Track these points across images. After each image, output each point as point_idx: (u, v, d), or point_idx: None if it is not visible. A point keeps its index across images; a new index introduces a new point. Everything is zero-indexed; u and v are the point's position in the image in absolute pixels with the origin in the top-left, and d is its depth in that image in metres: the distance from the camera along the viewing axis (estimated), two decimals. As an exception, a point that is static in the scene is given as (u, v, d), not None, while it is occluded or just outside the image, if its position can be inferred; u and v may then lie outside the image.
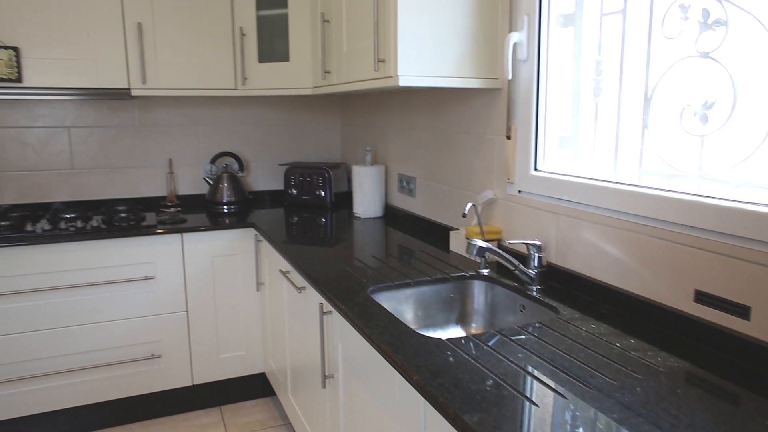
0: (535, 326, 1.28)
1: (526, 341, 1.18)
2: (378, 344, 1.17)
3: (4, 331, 2.20)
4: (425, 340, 1.18)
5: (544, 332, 1.24)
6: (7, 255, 2.17)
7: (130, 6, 2.41)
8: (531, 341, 1.18)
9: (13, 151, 2.65)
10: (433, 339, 1.18)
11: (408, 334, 1.21)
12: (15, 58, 2.26)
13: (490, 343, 1.18)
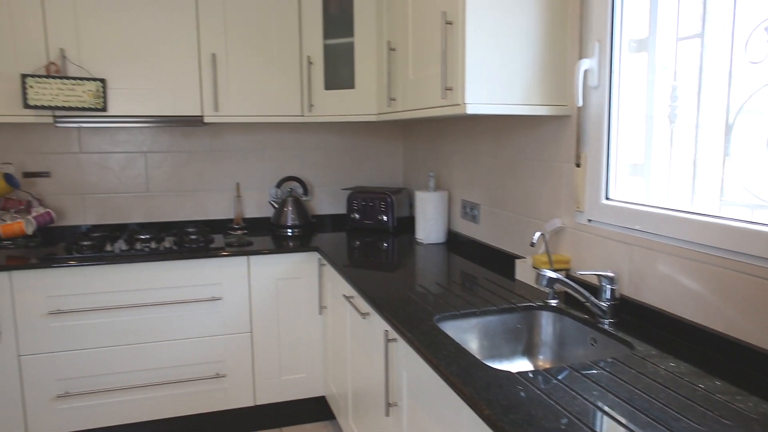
0: (608, 361, 1.23)
1: (599, 377, 1.14)
2: (446, 375, 1.16)
3: (83, 346, 2.32)
4: (495, 373, 1.15)
5: (619, 368, 1.19)
6: (88, 273, 2.29)
7: (205, 38, 2.53)
8: (605, 378, 1.14)
9: (96, 175, 2.81)
10: (503, 372, 1.16)
11: (476, 366, 1.19)
12: (102, 89, 2.41)
13: (561, 378, 1.14)
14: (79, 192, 2.81)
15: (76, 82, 2.38)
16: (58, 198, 2.78)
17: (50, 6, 2.37)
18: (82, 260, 2.28)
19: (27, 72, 2.36)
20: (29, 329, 2.26)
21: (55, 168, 2.76)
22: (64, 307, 2.28)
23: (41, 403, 2.31)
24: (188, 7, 2.50)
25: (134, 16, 2.46)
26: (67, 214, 2.80)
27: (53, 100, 2.36)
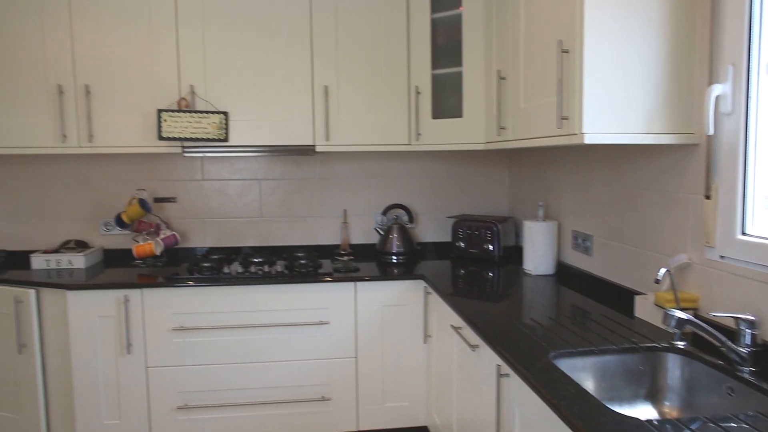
0: (749, 415, 1.12)
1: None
2: (568, 418, 1.10)
3: (202, 361, 2.46)
4: (621, 419, 1.08)
5: (765, 425, 1.07)
6: (208, 293, 2.44)
7: (319, 72, 2.66)
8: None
9: (216, 200, 3.01)
10: (631, 418, 1.09)
11: (600, 410, 1.12)
12: (224, 121, 2.59)
13: (696, 429, 1.05)
14: (200, 216, 3.01)
15: (203, 115, 2.58)
16: (183, 222, 3.01)
17: (183, 48, 2.59)
18: (203, 281, 2.43)
19: (162, 107, 2.60)
20: (156, 343, 2.44)
21: (180, 194, 2.99)
22: (186, 324, 2.44)
23: (164, 413, 2.47)
24: (303, 44, 2.64)
25: (254, 55, 2.63)
26: (190, 236, 3.02)
27: (183, 132, 2.56)
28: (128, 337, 2.41)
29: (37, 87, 2.58)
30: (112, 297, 2.41)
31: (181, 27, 2.59)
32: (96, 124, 2.60)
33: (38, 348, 2.48)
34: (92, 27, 2.57)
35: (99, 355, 2.43)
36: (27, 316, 2.45)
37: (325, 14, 2.64)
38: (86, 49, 2.58)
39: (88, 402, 2.45)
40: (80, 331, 2.41)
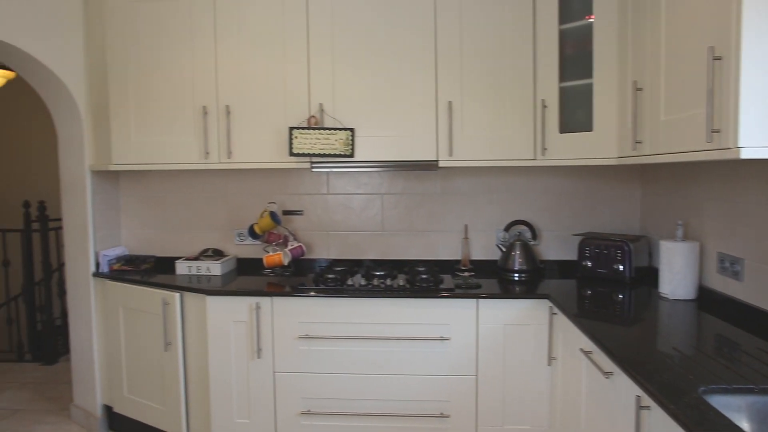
0: None
1: None
2: (727, 463, 1.00)
3: (325, 370, 2.54)
4: (792, 470, 0.96)
5: None
6: (332, 304, 2.52)
7: (442, 88, 2.67)
8: None
9: (340, 214, 3.11)
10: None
11: (765, 457, 1.00)
12: (351, 138, 2.68)
13: None
14: (325, 229, 3.13)
15: (331, 132, 2.69)
16: (308, 234, 3.14)
17: (314, 70, 2.73)
18: (327, 292, 2.52)
19: (293, 125, 2.74)
20: (283, 349, 2.56)
21: (307, 207, 3.13)
22: (311, 333, 2.53)
23: (289, 416, 2.58)
24: (428, 60, 2.67)
25: (379, 73, 2.70)
26: (315, 248, 3.14)
27: (312, 148, 2.69)
28: (259, 342, 2.55)
29: (186, 108, 2.84)
30: (245, 303, 2.56)
31: (312, 50, 2.73)
32: (234, 141, 2.80)
33: (181, 346, 2.70)
34: (233, 54, 2.79)
35: (232, 357, 2.59)
36: (172, 317, 2.68)
37: (449, 31, 2.65)
38: (228, 74, 2.80)
39: (222, 400, 2.62)
40: (217, 334, 2.59)
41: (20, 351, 4.61)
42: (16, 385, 3.97)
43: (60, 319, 4.69)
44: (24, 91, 5.59)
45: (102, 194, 3.14)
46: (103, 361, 3.12)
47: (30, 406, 3.59)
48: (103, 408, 3.16)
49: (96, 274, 3.07)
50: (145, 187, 3.28)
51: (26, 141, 5.94)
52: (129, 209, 3.31)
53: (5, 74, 4.50)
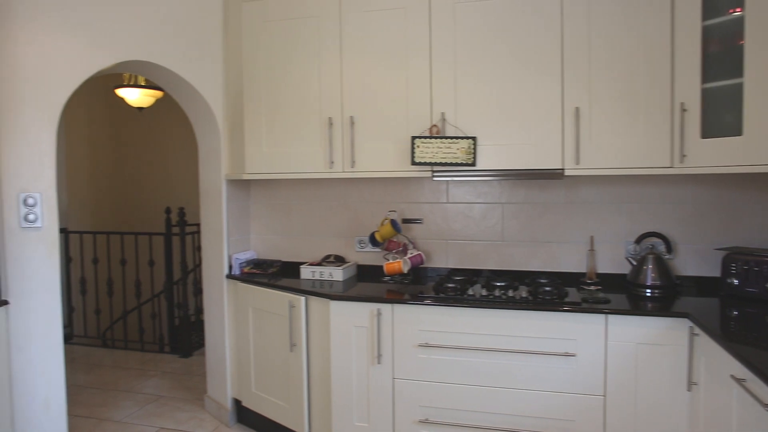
0: None
1: None
2: None
3: (444, 379, 2.53)
4: None
5: None
6: (452, 313, 2.50)
7: (569, 93, 2.57)
8: None
9: (460, 223, 3.10)
10: None
11: None
12: (473, 146, 2.66)
13: None
14: (444, 237, 3.13)
15: (452, 140, 2.68)
16: (427, 242, 3.15)
17: (436, 79, 2.74)
18: (447, 301, 2.51)
19: (415, 134, 2.77)
20: (403, 356, 2.58)
21: (426, 215, 3.15)
22: (431, 341, 2.53)
23: (406, 424, 2.59)
24: (553, 65, 2.59)
25: (502, 81, 2.66)
26: (433, 256, 3.15)
27: (433, 157, 2.70)
28: (379, 348, 2.59)
29: (313, 120, 2.97)
30: (366, 309, 2.62)
31: (435, 60, 2.75)
32: (358, 151, 2.88)
33: (305, 348, 2.81)
34: (358, 66, 2.88)
35: (353, 361, 2.66)
36: (298, 320, 2.81)
37: (576, 33, 2.55)
38: (352, 86, 2.89)
39: (343, 402, 2.69)
40: (339, 338, 2.67)
41: (161, 343, 5.06)
42: (159, 373, 4.36)
43: (194, 316, 5.09)
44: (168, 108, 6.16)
45: (235, 201, 3.37)
46: (234, 358, 3.34)
47: (170, 394, 3.92)
48: (232, 401, 3.37)
49: (229, 275, 3.29)
50: (273, 195, 3.48)
51: (170, 153, 6.53)
52: (258, 216, 3.52)
53: (155, 94, 4.99)
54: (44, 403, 2.70)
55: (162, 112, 6.37)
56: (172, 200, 6.18)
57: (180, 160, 6.45)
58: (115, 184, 6.71)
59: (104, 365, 4.62)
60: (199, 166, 3.47)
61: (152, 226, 6.01)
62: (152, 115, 6.44)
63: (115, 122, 6.70)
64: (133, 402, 3.79)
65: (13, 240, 2.60)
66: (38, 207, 2.63)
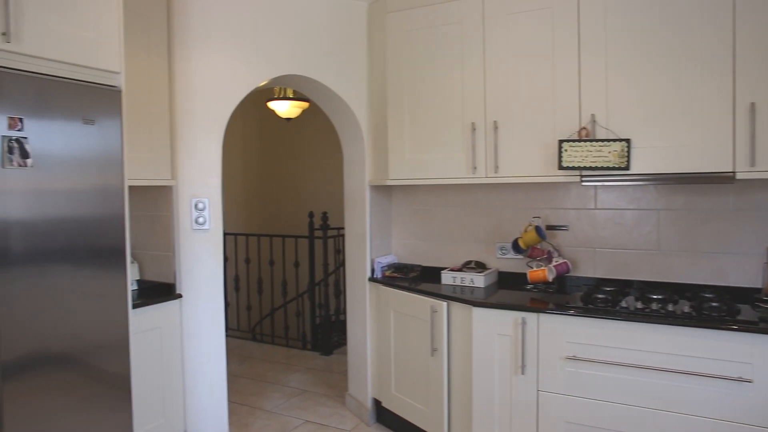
0: None
1: None
2: None
3: (592, 396, 2.39)
4: None
5: None
6: (603, 326, 2.36)
7: (742, 87, 2.31)
8: None
9: (608, 230, 2.92)
10: None
11: None
12: (626, 149, 2.50)
13: None
14: (591, 245, 2.97)
15: (603, 143, 2.54)
16: (573, 250, 3.01)
17: (585, 80, 2.62)
18: (597, 312, 2.37)
19: (562, 138, 2.66)
20: (548, 368, 2.48)
21: (572, 222, 3.01)
22: (579, 354, 2.41)
23: (552, 440, 2.49)
24: (722, 55, 2.34)
25: (660, 77, 2.46)
26: (579, 265, 3.00)
27: (583, 161, 2.57)
28: (523, 358, 2.52)
29: (455, 126, 2.98)
30: (510, 317, 2.56)
31: (584, 60, 2.62)
32: (501, 156, 2.84)
33: (446, 353, 2.81)
34: (501, 69, 2.83)
35: (496, 369, 2.61)
36: (439, 325, 2.82)
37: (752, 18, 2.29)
38: (495, 90, 2.85)
39: (484, 411, 2.65)
40: (481, 345, 2.64)
41: (304, 340, 5.35)
42: (302, 369, 4.62)
43: (334, 316, 5.32)
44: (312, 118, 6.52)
45: (377, 206, 3.47)
46: (375, 358, 3.43)
47: (313, 389, 4.12)
48: (372, 401, 3.47)
49: (371, 279, 3.39)
50: (414, 200, 3.53)
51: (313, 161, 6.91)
52: (399, 221, 3.60)
53: (301, 105, 5.32)
54: (209, 389, 2.97)
55: (306, 123, 6.76)
56: (314, 205, 6.53)
57: (322, 168, 6.79)
58: (263, 190, 7.25)
59: (254, 357, 4.98)
60: (344, 172, 3.62)
61: (296, 230, 6.39)
62: (297, 126, 6.86)
63: (264, 133, 7.23)
64: (281, 394, 4.04)
65: (186, 240, 2.90)
66: (206, 211, 2.90)
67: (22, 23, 1.93)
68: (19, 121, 1.87)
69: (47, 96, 1.98)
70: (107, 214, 2.20)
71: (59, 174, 2.02)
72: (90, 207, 2.14)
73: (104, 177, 2.18)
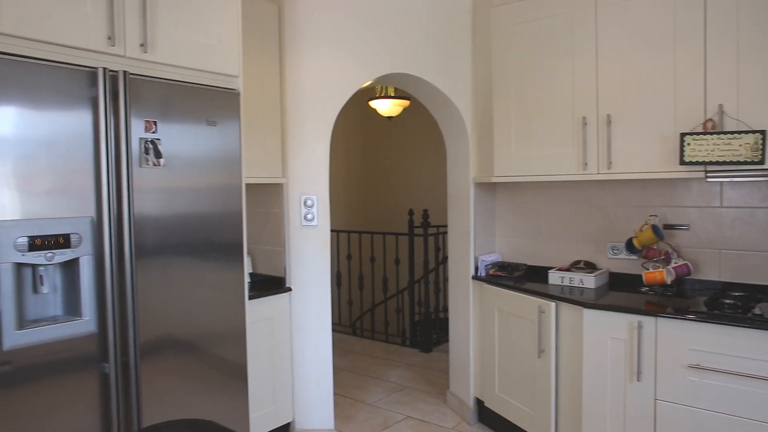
0: None
1: None
2: None
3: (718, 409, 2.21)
4: None
5: None
6: (732, 334, 2.17)
7: None
8: None
9: (736, 230, 2.69)
10: None
11: None
12: (761, 141, 2.29)
13: None
14: (715, 246, 2.75)
15: (733, 136, 2.34)
16: (693, 251, 2.81)
17: (711, 67, 2.42)
18: (726, 319, 2.19)
19: (685, 131, 2.48)
20: (667, 376, 2.33)
21: (693, 221, 2.80)
22: (704, 363, 2.24)
23: (671, 453, 2.33)
24: None
25: (805, 60, 2.23)
26: (701, 267, 2.79)
27: (708, 156, 2.39)
28: (639, 364, 2.38)
29: (564, 121, 2.87)
30: (624, 321, 2.43)
31: (710, 45, 2.43)
32: (614, 151, 2.70)
33: (554, 355, 2.72)
34: (615, 60, 2.69)
35: (608, 375, 2.49)
36: (547, 326, 2.73)
37: None
38: (608, 82, 2.72)
39: (595, 417, 2.53)
40: (592, 348, 2.53)
41: (403, 337, 5.40)
42: (402, 365, 4.66)
43: (434, 313, 5.32)
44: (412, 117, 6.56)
45: (481, 204, 3.42)
46: (477, 357, 3.39)
47: (413, 385, 4.15)
48: (474, 400, 3.43)
49: (475, 277, 3.36)
50: (519, 197, 3.44)
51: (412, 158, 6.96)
52: (503, 218, 3.53)
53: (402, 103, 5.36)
54: (316, 380, 3.08)
55: (407, 121, 6.81)
56: (414, 203, 6.56)
57: (422, 166, 6.82)
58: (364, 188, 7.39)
59: (355, 352, 5.10)
60: (447, 170, 3.61)
61: (396, 227, 6.46)
62: (398, 124, 6.93)
63: (364, 132, 7.38)
64: (382, 388, 4.10)
65: (295, 236, 3.02)
66: (315, 207, 3.00)
67: (155, 34, 2.10)
68: (153, 124, 2.04)
69: (175, 100, 2.13)
70: (227, 210, 2.34)
71: (185, 173, 2.18)
72: (211, 204, 2.28)
73: (224, 176, 2.32)
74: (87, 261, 1.90)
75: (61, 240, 1.83)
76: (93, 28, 1.92)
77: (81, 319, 1.89)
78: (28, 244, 1.76)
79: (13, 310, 1.74)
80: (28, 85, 1.76)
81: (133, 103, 1.99)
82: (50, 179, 1.81)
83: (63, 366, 1.85)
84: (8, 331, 1.73)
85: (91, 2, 1.92)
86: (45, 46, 1.83)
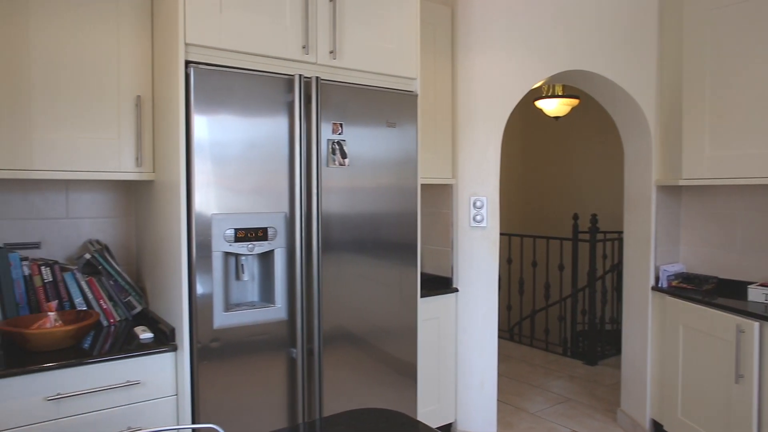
0: None
1: None
2: None
3: None
4: None
5: None
6: None
7: None
8: None
9: None
10: None
11: None
12: None
13: None
14: None
15: None
16: None
17: None
18: None
19: None
20: None
21: None
22: None
23: None
24: None
25: None
26: None
27: None
28: None
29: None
30: None
31: None
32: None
33: (756, 382, 2.40)
34: None
35: (828, 411, 2.14)
36: (748, 348, 2.42)
37: None
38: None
39: (809, 459, 2.19)
40: (807, 379, 2.19)
41: (565, 346, 5.15)
42: (565, 376, 4.45)
43: (600, 324, 5.00)
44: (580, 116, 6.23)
45: (664, 209, 3.14)
46: (656, 376, 3.12)
47: (577, 398, 3.93)
48: (651, 422, 3.15)
49: (655, 287, 3.09)
50: (710, 202, 3.10)
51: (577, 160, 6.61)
52: (690, 225, 3.20)
53: (571, 102, 5.12)
54: (480, 383, 3.05)
55: (573, 121, 6.49)
56: (579, 207, 6.23)
57: (587, 167, 6.45)
58: (524, 189, 7.19)
59: (513, 357, 4.97)
60: (625, 171, 3.37)
61: (558, 231, 6.19)
62: (563, 125, 6.63)
63: (526, 133, 7.17)
64: (544, 398, 3.95)
65: (463, 237, 3.02)
66: (484, 209, 2.98)
67: (343, 41, 2.23)
68: (339, 126, 2.16)
69: (358, 102, 2.24)
70: (403, 210, 2.40)
71: (367, 173, 2.28)
72: (389, 203, 2.36)
73: (402, 176, 2.39)
74: (280, 253, 2.06)
75: (260, 233, 2.01)
76: (291, 39, 2.09)
77: (274, 306, 2.06)
78: (234, 236, 1.95)
79: (222, 294, 1.95)
80: (244, 94, 1.96)
81: (323, 106, 2.13)
82: (252, 178, 1.99)
83: (258, 347, 2.03)
84: (218, 312, 1.94)
85: (290, 15, 2.09)
86: (255, 58, 2.03)
